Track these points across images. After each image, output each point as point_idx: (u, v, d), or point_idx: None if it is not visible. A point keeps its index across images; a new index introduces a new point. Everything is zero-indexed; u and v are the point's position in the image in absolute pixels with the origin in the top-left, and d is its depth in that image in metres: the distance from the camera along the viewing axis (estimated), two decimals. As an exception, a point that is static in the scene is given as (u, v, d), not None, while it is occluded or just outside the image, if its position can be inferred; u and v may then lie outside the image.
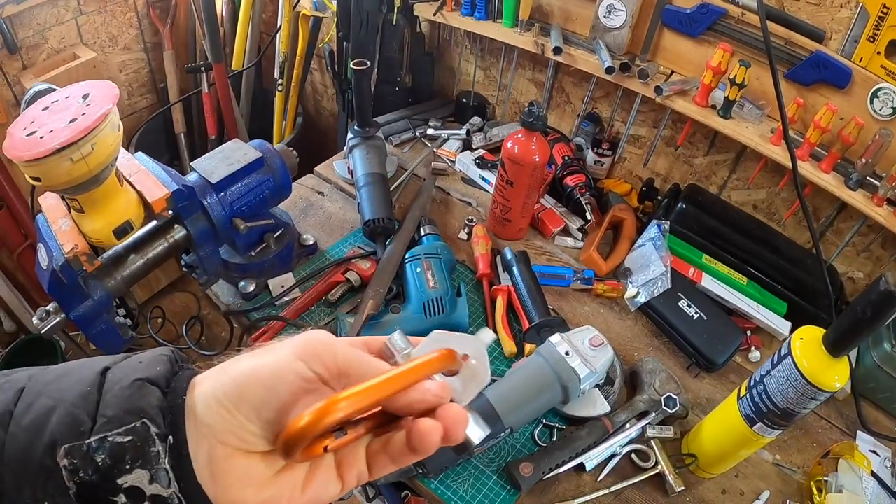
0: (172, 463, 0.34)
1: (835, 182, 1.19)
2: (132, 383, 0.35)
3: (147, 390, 0.35)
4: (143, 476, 0.33)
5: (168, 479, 0.34)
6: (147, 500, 0.33)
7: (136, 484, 0.33)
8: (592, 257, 1.35)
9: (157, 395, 0.35)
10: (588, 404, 1.07)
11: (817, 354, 0.80)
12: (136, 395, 0.35)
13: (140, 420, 0.34)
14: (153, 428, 0.34)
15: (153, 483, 0.33)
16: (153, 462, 0.33)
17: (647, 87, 1.32)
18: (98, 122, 0.84)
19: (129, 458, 0.33)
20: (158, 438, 0.34)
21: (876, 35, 1.10)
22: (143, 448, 0.33)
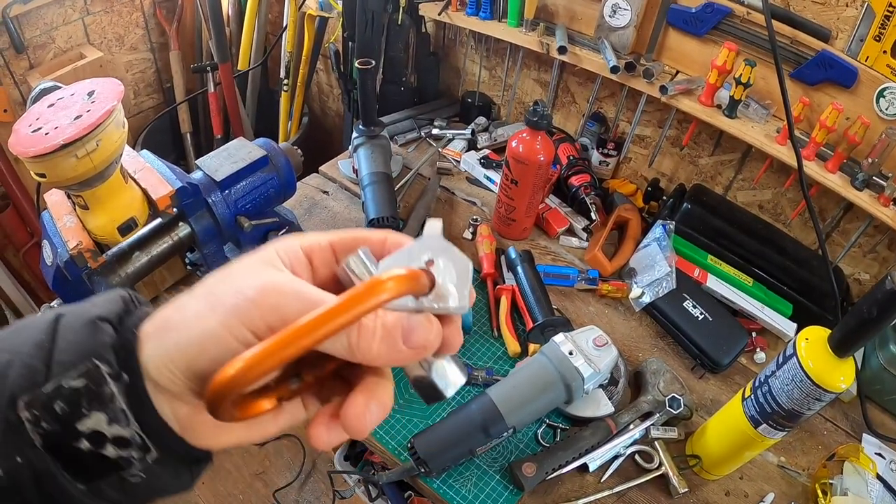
0: (129, 402, 0.32)
1: (841, 182, 1.18)
2: (83, 325, 0.34)
3: (98, 329, 0.34)
4: (101, 419, 0.32)
5: (127, 419, 0.32)
6: (109, 442, 0.32)
7: (95, 427, 0.32)
8: (597, 257, 1.34)
9: (109, 333, 0.34)
10: (592, 405, 1.07)
11: (823, 355, 0.79)
12: (87, 336, 0.33)
13: (91, 361, 0.32)
14: (104, 367, 0.32)
15: (112, 424, 0.32)
16: (108, 403, 0.32)
17: (653, 86, 1.32)
18: (103, 119, 0.85)
19: (85, 401, 0.32)
20: (111, 378, 0.32)
21: (882, 34, 1.09)
22: (97, 390, 0.32)
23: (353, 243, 0.38)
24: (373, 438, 1.06)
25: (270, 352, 0.29)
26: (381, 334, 0.33)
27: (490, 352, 1.19)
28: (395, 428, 1.06)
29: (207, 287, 0.34)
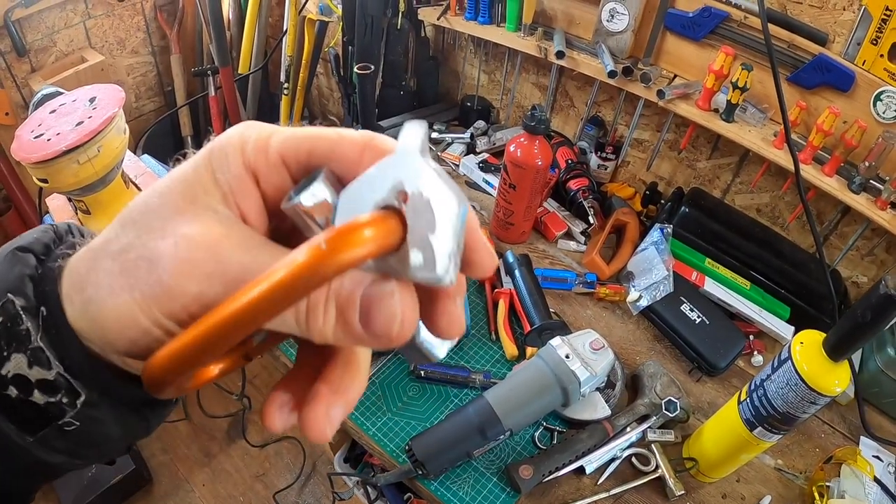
0: (49, 339, 0.28)
1: (838, 185, 1.19)
2: (5, 256, 0.29)
3: (17, 259, 0.29)
4: (21, 361, 0.28)
5: (47, 360, 0.28)
6: (35, 388, 0.28)
7: (17, 371, 0.28)
8: (595, 261, 1.35)
9: (29, 264, 0.29)
10: (589, 407, 1.07)
11: (817, 359, 0.79)
12: (5, 269, 0.29)
13: (6, 296, 0.28)
14: (19, 301, 0.28)
15: (33, 367, 0.28)
16: (25, 342, 0.28)
17: (650, 90, 1.33)
18: (104, 125, 0.86)
19: (3, 342, 0.28)
20: (26, 313, 0.28)
21: (879, 38, 1.10)
22: (12, 328, 0.28)
23: (313, 151, 0.28)
24: (371, 441, 1.06)
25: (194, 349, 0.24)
26: (334, 312, 0.25)
27: (487, 355, 1.20)
28: (394, 430, 1.07)
29: (124, 240, 0.27)
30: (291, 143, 0.28)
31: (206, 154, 0.28)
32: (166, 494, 2.08)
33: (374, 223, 0.22)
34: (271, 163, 0.28)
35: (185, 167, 0.28)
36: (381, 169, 0.24)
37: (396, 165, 0.24)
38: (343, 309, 0.25)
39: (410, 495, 1.66)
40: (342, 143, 0.28)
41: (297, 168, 0.29)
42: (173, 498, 2.08)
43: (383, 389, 1.12)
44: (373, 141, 0.28)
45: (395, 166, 0.24)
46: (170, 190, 0.28)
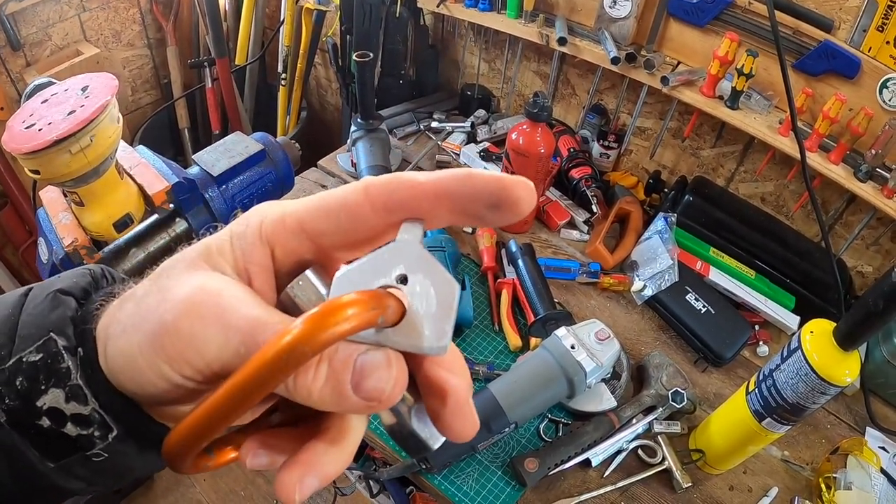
0: (86, 377, 0.30)
1: (844, 174, 1.17)
2: (46, 297, 0.32)
3: (59, 301, 0.32)
4: (58, 395, 0.30)
5: (84, 396, 0.30)
6: (69, 420, 0.30)
7: (53, 405, 0.30)
8: (598, 250, 1.33)
9: (70, 306, 0.32)
10: (594, 399, 1.06)
11: (828, 348, 0.78)
12: (47, 309, 0.31)
13: (48, 334, 0.30)
14: (60, 341, 0.30)
15: (70, 402, 0.30)
16: (64, 379, 0.30)
17: (653, 77, 1.31)
18: (96, 114, 0.84)
19: (43, 377, 0.30)
20: (67, 352, 0.30)
21: (885, 24, 1.08)
22: (53, 365, 0.30)
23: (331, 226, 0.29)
24: (373, 434, 1.05)
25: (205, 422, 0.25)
26: (325, 375, 0.26)
27: (491, 346, 1.18)
28: (396, 424, 1.05)
29: (147, 287, 0.30)
30: (306, 210, 0.29)
31: (231, 224, 0.31)
32: (167, 490, 2.08)
33: (359, 302, 0.24)
34: (290, 230, 0.29)
35: (210, 236, 0.31)
36: (382, 255, 0.27)
37: (398, 253, 0.27)
38: (337, 371, 0.26)
39: (413, 489, 1.65)
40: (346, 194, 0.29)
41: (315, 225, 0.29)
42: (174, 494, 2.07)
43: (385, 382, 1.11)
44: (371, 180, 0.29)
45: (396, 253, 0.27)
46: (193, 249, 0.30)
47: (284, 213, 0.30)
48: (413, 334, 0.26)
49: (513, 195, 0.27)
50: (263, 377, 0.23)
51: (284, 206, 0.30)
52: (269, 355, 0.23)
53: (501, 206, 0.27)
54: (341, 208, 0.29)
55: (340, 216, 0.28)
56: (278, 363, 0.23)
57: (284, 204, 0.30)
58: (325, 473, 0.29)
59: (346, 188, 0.29)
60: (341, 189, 0.29)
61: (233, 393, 0.24)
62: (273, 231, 0.30)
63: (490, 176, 0.27)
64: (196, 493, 2.07)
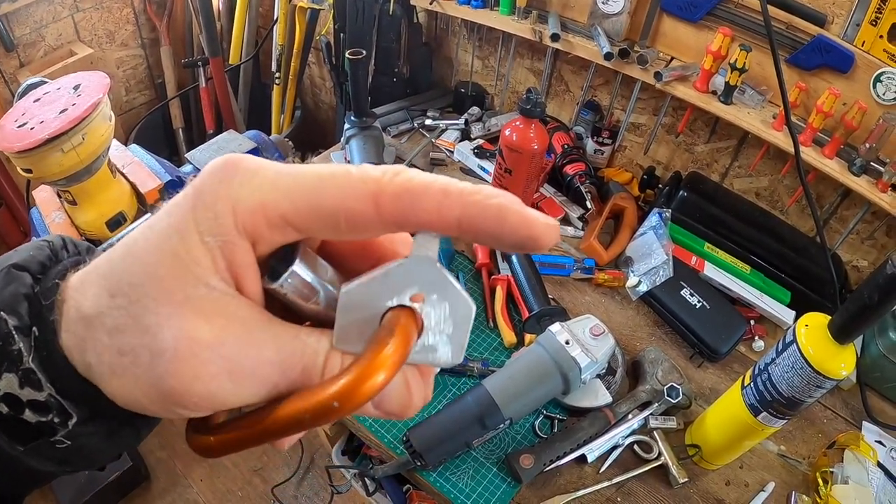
0: (40, 360, 0.28)
1: (838, 168, 1.17)
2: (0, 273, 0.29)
3: (13, 277, 0.29)
4: (12, 381, 0.27)
5: (39, 381, 0.28)
6: (26, 407, 0.28)
7: (8, 391, 0.28)
8: (593, 246, 1.33)
9: (25, 282, 0.29)
10: (589, 395, 1.06)
11: (823, 341, 0.78)
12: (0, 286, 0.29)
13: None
14: (11, 320, 0.28)
15: (24, 387, 0.28)
16: (17, 363, 0.27)
17: (647, 72, 1.31)
18: (88, 112, 0.83)
19: None
20: (19, 333, 0.28)
21: (878, 18, 1.08)
22: (4, 347, 0.27)
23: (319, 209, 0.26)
24: (368, 432, 1.05)
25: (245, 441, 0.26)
26: None
27: (486, 343, 1.18)
28: (391, 421, 1.05)
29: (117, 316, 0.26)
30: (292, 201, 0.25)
31: (189, 211, 0.25)
32: (164, 491, 2.07)
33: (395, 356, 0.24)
34: (273, 224, 0.25)
35: (166, 225, 0.26)
36: (396, 271, 0.26)
37: (413, 270, 0.26)
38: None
39: (409, 487, 1.65)
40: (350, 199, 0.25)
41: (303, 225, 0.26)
42: (171, 494, 2.07)
43: (380, 380, 1.11)
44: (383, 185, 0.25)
45: (411, 271, 0.26)
46: (157, 262, 0.25)
47: (264, 205, 0.25)
48: (430, 354, 0.26)
49: (541, 242, 0.26)
50: (304, 422, 0.24)
51: (261, 191, 0.25)
52: (312, 407, 0.24)
53: (526, 247, 0.26)
54: (341, 214, 0.25)
55: (340, 222, 0.25)
56: (318, 415, 0.24)
57: (258, 186, 0.25)
58: None
59: (344, 187, 0.25)
60: (338, 186, 0.25)
61: (275, 428, 0.25)
62: (253, 225, 0.25)
63: (523, 218, 0.25)
64: (193, 493, 2.06)
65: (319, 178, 0.25)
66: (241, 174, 0.25)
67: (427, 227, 0.26)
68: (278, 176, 0.25)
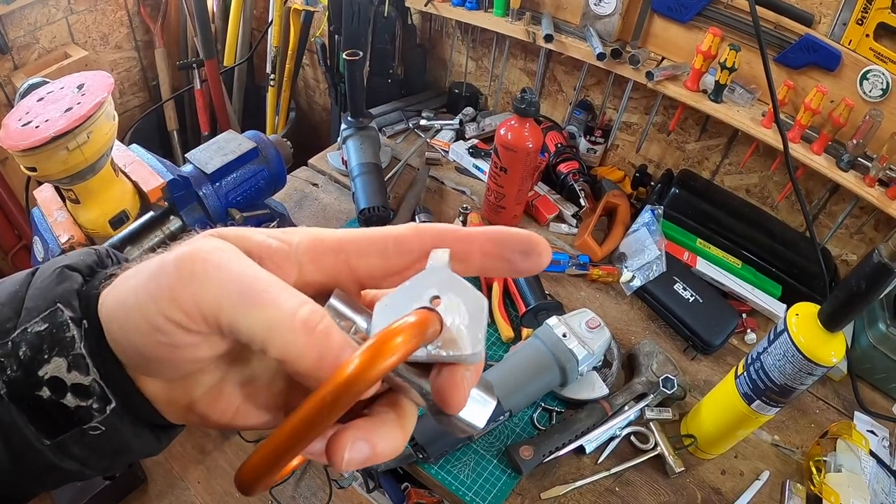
0: (89, 347, 0.31)
1: (826, 163, 1.20)
2: (53, 272, 0.33)
3: (66, 276, 0.32)
4: (61, 364, 0.30)
5: (86, 366, 0.30)
6: (69, 391, 0.30)
7: (55, 374, 0.30)
8: (587, 242, 1.35)
9: (77, 280, 0.32)
10: (586, 387, 1.08)
11: (813, 330, 0.80)
12: (54, 283, 0.32)
13: (55, 305, 0.31)
14: (67, 312, 0.31)
15: (71, 371, 0.30)
16: (68, 348, 0.30)
17: (639, 72, 1.33)
18: (93, 111, 0.84)
19: (46, 346, 0.30)
20: (73, 322, 0.31)
21: (864, 18, 1.11)
22: (58, 334, 0.30)
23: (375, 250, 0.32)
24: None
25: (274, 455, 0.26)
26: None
27: (484, 339, 1.19)
28: (392, 415, 1.06)
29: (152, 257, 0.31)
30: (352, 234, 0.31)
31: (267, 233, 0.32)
32: (161, 493, 2.07)
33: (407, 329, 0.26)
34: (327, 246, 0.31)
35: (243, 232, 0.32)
36: (415, 281, 0.29)
37: (429, 277, 0.29)
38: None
39: (408, 485, 1.67)
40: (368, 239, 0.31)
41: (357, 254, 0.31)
42: (168, 496, 2.06)
43: (380, 375, 1.12)
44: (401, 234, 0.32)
45: (427, 278, 0.29)
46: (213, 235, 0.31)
47: (323, 233, 0.31)
48: (452, 346, 0.28)
49: (538, 247, 0.31)
50: (327, 408, 0.25)
51: (323, 230, 0.32)
52: (332, 388, 0.25)
53: (531, 253, 0.31)
54: (389, 239, 0.31)
55: (388, 244, 0.31)
56: (340, 396, 0.25)
57: (324, 230, 0.32)
58: (377, 444, 0.29)
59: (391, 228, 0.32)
60: (387, 227, 0.32)
61: (297, 426, 0.25)
62: (310, 246, 0.31)
63: (521, 231, 0.31)
64: (191, 495, 2.06)
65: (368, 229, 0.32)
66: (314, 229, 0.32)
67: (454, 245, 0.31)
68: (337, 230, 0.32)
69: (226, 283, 0.28)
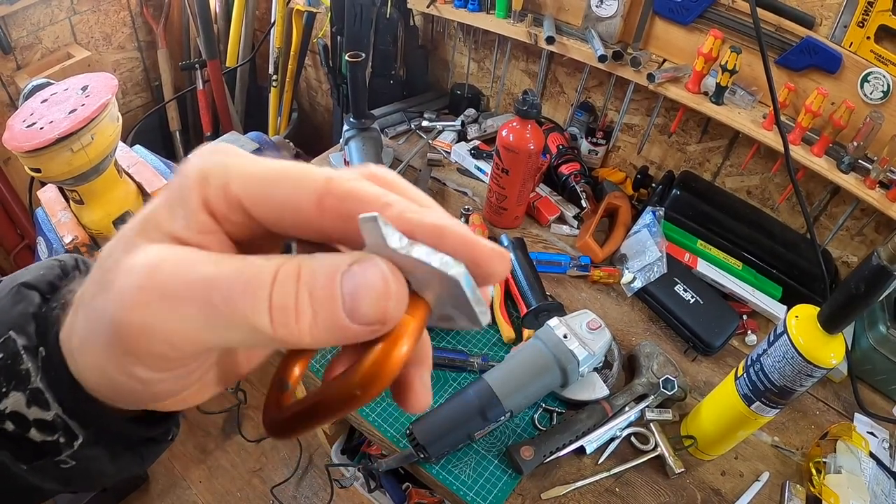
0: (48, 380, 0.27)
1: (827, 165, 1.20)
2: (9, 291, 0.29)
3: (22, 296, 0.29)
4: (19, 399, 0.27)
5: (46, 401, 0.27)
6: (32, 426, 0.27)
7: (15, 409, 0.27)
8: (588, 244, 1.35)
9: (33, 302, 0.29)
10: (587, 388, 1.08)
11: (813, 331, 0.80)
12: (9, 304, 0.29)
13: (7, 332, 0.28)
14: (21, 340, 0.28)
15: (31, 406, 0.27)
16: (25, 382, 0.27)
17: (640, 74, 1.33)
18: (98, 113, 0.85)
19: (3, 379, 0.27)
20: (27, 352, 0.27)
21: (865, 20, 1.11)
22: (13, 366, 0.27)
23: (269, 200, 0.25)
24: (371, 427, 1.06)
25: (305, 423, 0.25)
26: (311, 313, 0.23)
27: (484, 338, 1.20)
28: (394, 416, 1.07)
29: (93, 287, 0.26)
30: (251, 187, 0.25)
31: (165, 190, 0.26)
32: (163, 493, 2.08)
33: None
34: (231, 205, 0.25)
35: (147, 206, 0.26)
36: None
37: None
38: (324, 305, 0.23)
39: (409, 485, 1.67)
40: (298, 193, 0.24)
41: (258, 213, 0.25)
42: (170, 496, 2.07)
43: (382, 375, 1.12)
44: (331, 185, 0.24)
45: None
46: (129, 228, 0.26)
47: (226, 186, 0.25)
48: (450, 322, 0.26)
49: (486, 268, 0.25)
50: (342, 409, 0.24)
51: (227, 175, 0.25)
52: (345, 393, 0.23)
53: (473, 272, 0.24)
54: (287, 209, 0.25)
55: (286, 217, 0.25)
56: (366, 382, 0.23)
57: (228, 161, 0.25)
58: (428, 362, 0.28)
59: (298, 182, 0.24)
60: (292, 180, 0.24)
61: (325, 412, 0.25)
62: (215, 203, 0.25)
63: (464, 238, 0.24)
64: (192, 494, 2.07)
65: (281, 172, 0.25)
66: (218, 158, 0.26)
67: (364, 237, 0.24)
68: (248, 165, 0.25)
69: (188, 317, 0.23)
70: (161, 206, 0.25)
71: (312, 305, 0.22)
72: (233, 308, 0.22)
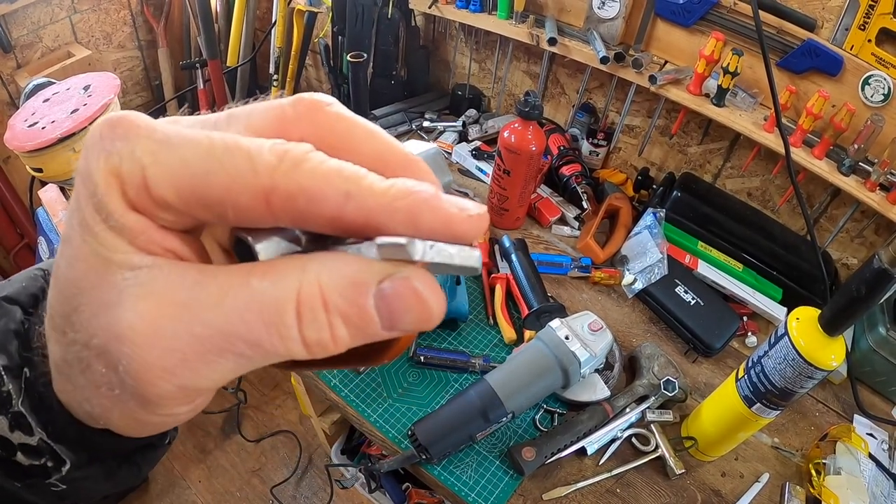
0: (31, 404, 0.25)
1: (828, 168, 1.20)
2: None
3: (3, 311, 0.27)
4: (2, 423, 0.25)
5: (29, 426, 0.25)
6: (18, 450, 0.26)
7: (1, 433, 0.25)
8: (589, 245, 1.36)
9: (15, 318, 0.27)
10: (588, 389, 1.08)
11: (813, 334, 0.81)
12: None
13: None
14: (1, 360, 0.26)
15: (14, 431, 0.25)
16: (6, 405, 0.25)
17: (641, 76, 1.34)
18: (100, 112, 0.85)
19: None
20: (8, 373, 0.26)
21: (867, 23, 1.11)
22: None
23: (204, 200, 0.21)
24: (373, 427, 1.07)
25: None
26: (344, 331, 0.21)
27: (486, 340, 1.20)
28: (395, 416, 1.07)
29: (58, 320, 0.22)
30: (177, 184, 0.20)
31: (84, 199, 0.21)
32: (162, 492, 2.08)
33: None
34: (159, 206, 0.21)
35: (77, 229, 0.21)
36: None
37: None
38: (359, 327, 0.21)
39: (409, 485, 1.67)
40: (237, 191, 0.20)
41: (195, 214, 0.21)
42: (169, 496, 2.07)
43: (383, 376, 1.13)
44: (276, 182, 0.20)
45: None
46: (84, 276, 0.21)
47: (146, 184, 0.20)
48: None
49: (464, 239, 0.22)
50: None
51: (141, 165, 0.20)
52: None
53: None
54: (228, 207, 0.21)
55: (228, 215, 0.21)
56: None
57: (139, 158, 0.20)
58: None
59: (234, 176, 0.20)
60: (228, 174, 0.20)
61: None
62: (142, 205, 0.21)
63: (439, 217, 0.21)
64: (192, 494, 2.07)
65: (209, 157, 0.20)
66: (122, 141, 0.21)
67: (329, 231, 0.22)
68: (163, 153, 0.20)
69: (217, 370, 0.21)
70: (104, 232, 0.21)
71: (348, 329, 0.21)
72: (263, 352, 0.21)
